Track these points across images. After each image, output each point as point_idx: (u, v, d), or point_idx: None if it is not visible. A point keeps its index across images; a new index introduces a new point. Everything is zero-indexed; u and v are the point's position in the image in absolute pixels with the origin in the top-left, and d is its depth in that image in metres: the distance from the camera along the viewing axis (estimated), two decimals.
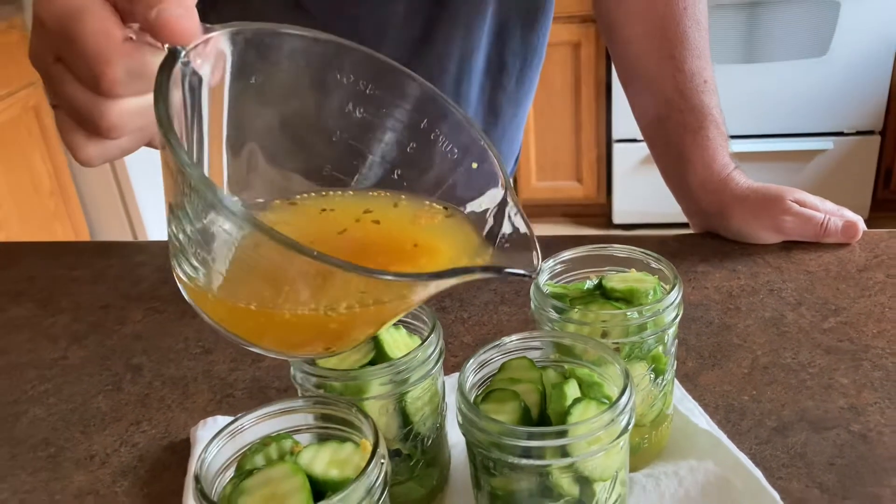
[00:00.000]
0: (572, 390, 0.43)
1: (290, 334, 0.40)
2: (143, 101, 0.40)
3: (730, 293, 0.72)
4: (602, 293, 0.52)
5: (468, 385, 0.43)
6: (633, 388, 0.41)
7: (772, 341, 0.65)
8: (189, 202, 0.33)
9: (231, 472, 0.41)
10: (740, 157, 0.84)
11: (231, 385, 0.66)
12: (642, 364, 0.50)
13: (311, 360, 0.46)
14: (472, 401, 0.42)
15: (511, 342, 0.46)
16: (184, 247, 0.37)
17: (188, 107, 0.38)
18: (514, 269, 0.39)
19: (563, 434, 0.39)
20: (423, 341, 0.47)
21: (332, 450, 0.40)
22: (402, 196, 0.47)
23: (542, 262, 0.53)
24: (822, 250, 0.77)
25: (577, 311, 0.49)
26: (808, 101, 2.62)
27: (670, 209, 0.88)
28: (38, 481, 0.58)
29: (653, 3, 0.84)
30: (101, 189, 2.67)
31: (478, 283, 0.77)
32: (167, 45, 0.36)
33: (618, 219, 2.89)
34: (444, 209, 0.46)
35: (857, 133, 2.63)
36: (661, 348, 0.50)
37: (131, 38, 0.39)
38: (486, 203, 0.45)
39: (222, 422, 0.60)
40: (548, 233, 0.77)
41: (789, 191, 0.79)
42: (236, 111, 0.42)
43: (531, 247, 0.41)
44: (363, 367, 0.46)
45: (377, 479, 0.38)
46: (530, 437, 0.39)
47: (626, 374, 0.42)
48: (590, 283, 0.54)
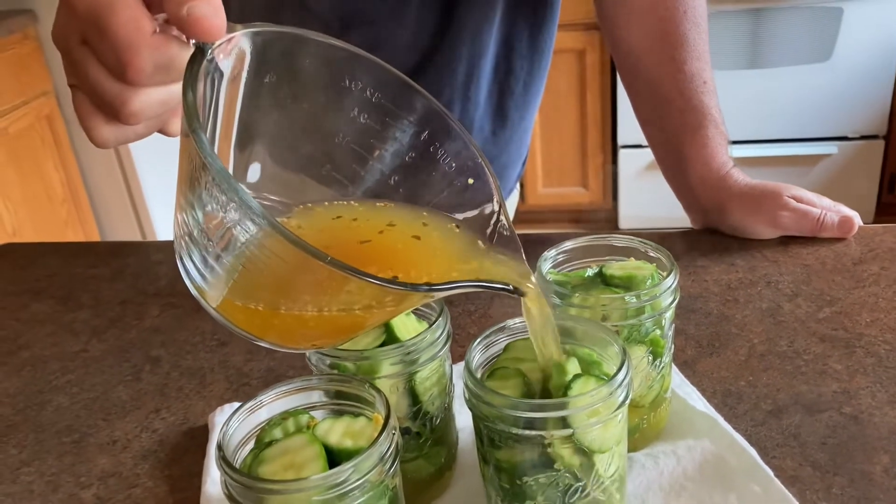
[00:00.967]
0: (573, 367, 0.45)
1: (294, 331, 0.42)
2: (164, 92, 0.42)
3: (728, 285, 0.74)
4: (602, 280, 0.54)
5: (474, 363, 0.46)
6: (630, 365, 0.43)
7: (768, 330, 0.67)
8: (208, 194, 0.35)
9: (251, 446, 0.43)
10: (745, 161, 0.86)
11: (246, 375, 0.68)
12: (641, 347, 0.52)
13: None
14: (478, 378, 0.44)
15: (515, 325, 0.48)
16: (195, 239, 0.39)
17: (207, 101, 0.40)
18: (505, 286, 0.41)
19: (563, 406, 0.41)
20: (432, 324, 0.49)
21: (347, 423, 0.43)
22: (424, 212, 0.49)
23: (546, 252, 0.56)
24: (818, 244, 0.80)
25: (578, 296, 0.51)
26: (812, 107, 2.64)
27: (676, 214, 0.90)
28: (64, 465, 0.60)
29: (654, 7, 0.86)
30: (112, 197, 2.71)
31: None
32: (194, 41, 0.38)
33: (624, 224, 2.91)
34: (445, 220, 0.48)
35: (862, 138, 2.65)
36: (658, 332, 0.53)
37: (156, 30, 0.40)
38: (479, 218, 0.47)
39: None
40: (545, 247, 0.79)
41: (786, 187, 0.81)
42: (248, 108, 0.44)
43: (519, 259, 0.44)
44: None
45: (389, 448, 0.40)
46: (532, 408, 0.41)
47: (624, 352, 0.44)
48: (590, 272, 0.56)
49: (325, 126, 0.46)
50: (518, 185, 1.16)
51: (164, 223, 2.77)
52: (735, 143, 0.85)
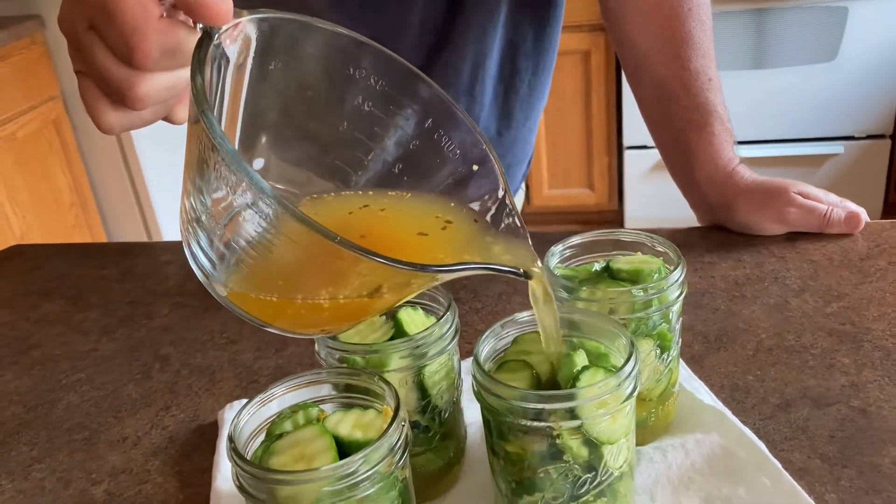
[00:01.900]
0: (581, 359, 0.45)
1: (303, 317, 0.42)
2: (170, 77, 0.42)
3: (735, 281, 0.74)
4: (609, 274, 0.55)
5: (483, 356, 0.46)
6: (637, 357, 0.44)
7: (776, 325, 0.67)
8: (217, 177, 0.36)
9: (261, 439, 0.44)
10: (751, 162, 0.86)
11: (256, 372, 0.69)
12: (648, 341, 0.52)
13: (331, 336, 0.48)
14: (486, 370, 0.45)
15: (523, 318, 0.49)
16: (202, 223, 0.39)
17: (214, 87, 0.40)
18: (516, 269, 0.41)
19: (572, 397, 0.41)
20: (440, 319, 0.50)
21: (356, 415, 0.43)
22: (408, 195, 0.49)
23: (553, 247, 0.56)
24: (825, 240, 0.80)
25: (585, 290, 0.51)
26: (817, 106, 2.63)
27: (682, 215, 0.90)
28: (75, 461, 0.61)
29: (658, 5, 0.86)
30: (119, 201, 2.72)
31: (490, 276, 0.80)
32: (201, 26, 0.39)
33: (629, 225, 2.91)
34: (453, 207, 0.48)
35: (868, 137, 2.65)
36: (665, 326, 0.53)
37: (163, 14, 0.41)
38: (484, 204, 0.48)
39: None
40: (551, 245, 0.79)
41: (793, 183, 0.81)
42: (253, 94, 0.44)
43: (527, 248, 0.44)
44: None
45: (399, 439, 0.40)
46: (541, 399, 0.41)
47: (632, 344, 0.44)
48: (597, 266, 0.56)
49: (330, 114, 0.47)
50: (524, 186, 1.16)
51: (172, 227, 2.78)
52: (741, 143, 0.85)
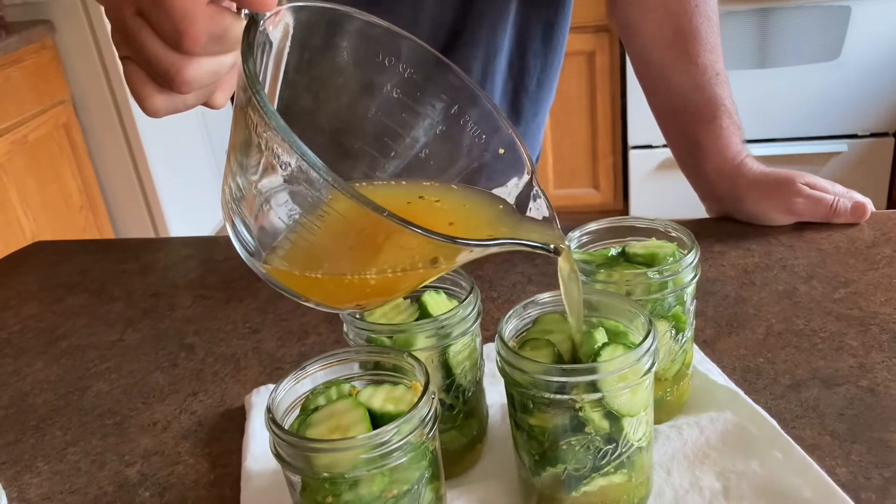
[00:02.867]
0: (601, 336, 0.47)
1: (340, 291, 0.44)
2: (215, 63, 0.43)
3: (745, 269, 0.76)
4: (625, 259, 0.57)
5: (506, 334, 0.48)
6: (656, 333, 0.46)
7: (785, 311, 0.69)
8: (269, 155, 0.37)
9: (296, 414, 0.46)
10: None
11: (279, 360, 0.71)
12: (663, 322, 0.54)
13: (357, 314, 0.51)
14: (510, 347, 0.46)
15: (544, 299, 0.51)
16: (248, 201, 0.41)
17: (259, 71, 0.42)
18: (546, 245, 0.43)
19: (593, 371, 0.43)
20: (463, 301, 0.52)
21: (387, 390, 0.45)
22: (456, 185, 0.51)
23: (570, 233, 0.58)
24: (832, 229, 0.81)
25: (602, 272, 0.53)
26: (821, 105, 2.65)
27: (688, 214, 0.92)
28: (108, 444, 0.63)
29: (665, 2, 0.88)
30: (129, 204, 2.75)
31: (506, 266, 0.82)
32: (245, 12, 0.41)
33: None
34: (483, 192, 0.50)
35: (872, 135, 2.66)
36: (680, 308, 0.55)
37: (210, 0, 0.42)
38: (511, 186, 0.50)
39: None
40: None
41: (800, 175, 0.83)
42: (287, 79, 0.45)
43: (554, 228, 0.46)
44: None
45: (429, 412, 0.42)
46: (564, 373, 0.43)
47: (650, 322, 0.46)
48: (613, 251, 0.58)
49: (360, 100, 0.48)
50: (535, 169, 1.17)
51: (180, 229, 2.80)
52: (745, 142, 0.87)
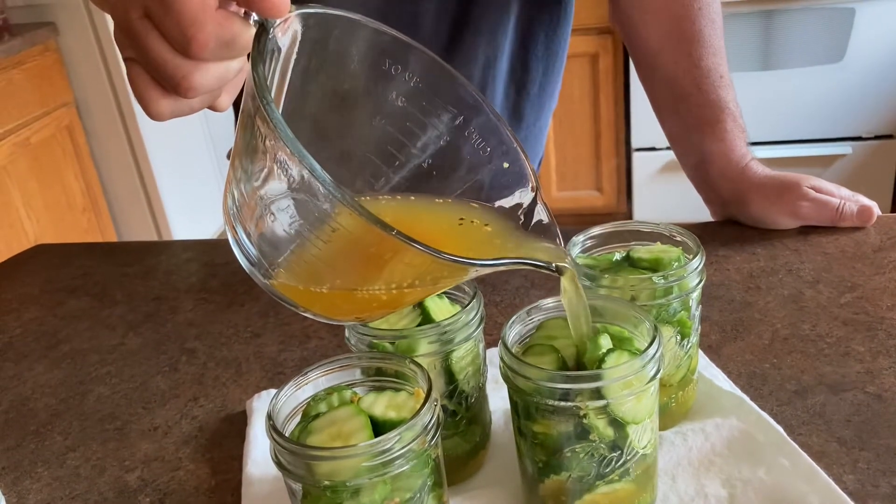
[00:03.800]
0: (605, 342, 0.47)
1: (341, 305, 0.44)
2: (222, 68, 0.43)
3: (750, 274, 0.76)
4: (629, 263, 0.56)
5: (510, 340, 0.47)
6: (661, 340, 0.45)
7: (791, 315, 0.69)
8: (273, 165, 0.37)
9: (297, 420, 0.45)
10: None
11: (281, 364, 0.70)
12: (668, 327, 0.54)
13: (359, 323, 0.50)
14: (514, 353, 0.46)
15: (548, 304, 0.50)
16: (251, 209, 0.40)
17: (272, 74, 0.41)
18: (546, 264, 0.43)
19: (598, 377, 0.43)
20: (465, 306, 0.51)
21: (389, 397, 0.45)
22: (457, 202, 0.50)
23: (574, 237, 0.57)
24: (838, 233, 0.81)
25: (607, 278, 0.53)
26: (825, 107, 2.64)
27: (691, 217, 0.91)
28: (108, 450, 0.62)
29: (668, 5, 0.88)
30: (131, 206, 2.75)
31: (510, 271, 0.81)
32: (255, 18, 0.40)
33: None
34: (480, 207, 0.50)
35: (876, 138, 2.65)
36: (685, 314, 0.54)
37: (219, 6, 0.42)
38: (515, 201, 0.49)
39: None
40: (566, 241, 0.81)
41: (806, 178, 0.82)
42: (294, 86, 0.45)
43: (557, 243, 0.46)
44: None
45: (431, 419, 0.42)
46: (569, 380, 0.43)
47: (655, 328, 0.46)
48: (618, 256, 0.58)
49: (366, 109, 0.48)
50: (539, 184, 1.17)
51: (183, 232, 2.80)
52: (749, 144, 0.86)
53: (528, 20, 0.92)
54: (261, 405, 0.63)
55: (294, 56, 0.43)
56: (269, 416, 0.42)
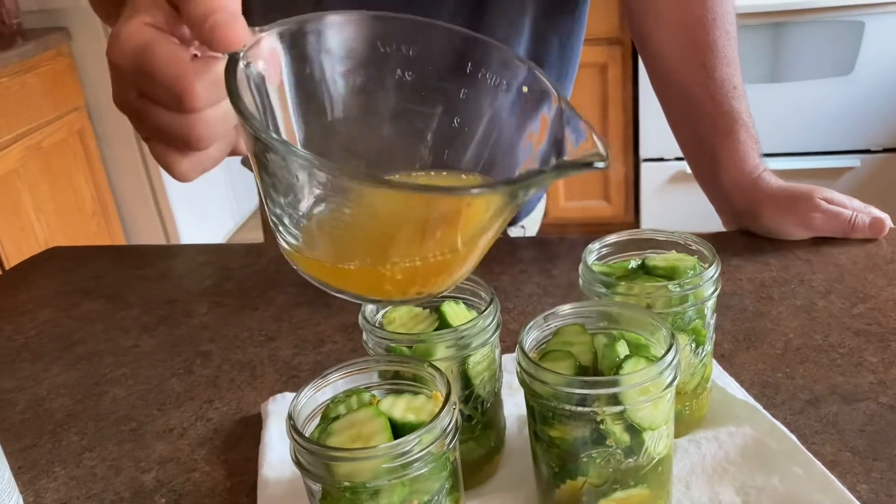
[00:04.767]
0: (623, 349, 0.47)
1: (375, 281, 0.44)
2: (221, 108, 0.44)
3: (762, 284, 0.76)
4: (645, 271, 0.57)
5: (527, 345, 0.48)
6: (678, 347, 0.45)
7: (803, 325, 0.69)
8: (284, 172, 0.38)
9: (316, 422, 0.45)
10: None
11: (295, 367, 0.71)
12: (683, 335, 0.54)
13: (377, 322, 0.51)
14: (531, 358, 0.46)
15: (565, 311, 0.50)
16: (280, 218, 0.41)
17: (259, 106, 0.42)
18: (587, 160, 0.42)
19: (615, 383, 0.43)
20: (482, 311, 0.52)
21: (408, 399, 0.45)
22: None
23: (590, 244, 0.58)
24: (850, 244, 0.81)
25: (623, 285, 0.53)
26: (834, 120, 2.64)
27: (699, 227, 0.91)
28: (124, 451, 0.63)
29: (683, 16, 0.88)
30: (140, 210, 2.76)
31: (522, 277, 0.82)
32: (226, 53, 0.41)
33: None
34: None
35: (885, 150, 2.65)
36: (700, 322, 0.55)
37: (197, 55, 0.43)
38: (542, 121, 0.48)
39: (290, 398, 0.64)
40: (576, 262, 0.81)
41: (818, 189, 0.83)
42: (299, 102, 0.45)
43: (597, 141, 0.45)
44: None
45: (450, 422, 0.42)
46: (586, 385, 0.43)
47: (672, 335, 0.46)
48: (633, 264, 0.58)
49: (378, 94, 0.48)
50: (544, 195, 1.18)
51: (192, 236, 2.81)
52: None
53: (542, 29, 0.93)
54: (276, 408, 0.64)
55: (285, 74, 0.44)
56: (290, 417, 0.42)
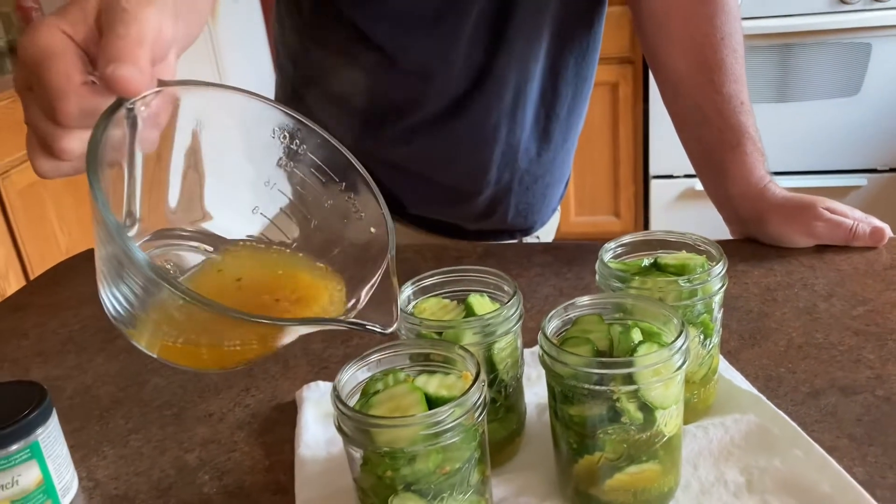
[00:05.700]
0: (637, 335, 0.51)
1: (188, 359, 0.48)
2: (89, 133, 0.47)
3: (767, 287, 0.80)
4: (657, 268, 0.61)
5: (549, 330, 0.52)
6: (687, 333, 0.50)
7: (805, 325, 0.73)
8: (110, 243, 0.41)
9: (356, 398, 0.50)
10: None
11: (326, 360, 0.75)
12: (692, 328, 0.58)
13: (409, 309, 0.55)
14: (554, 342, 0.51)
15: (584, 302, 0.55)
16: (109, 276, 0.45)
17: (128, 143, 0.46)
18: (373, 326, 0.45)
19: (630, 364, 0.48)
20: (506, 303, 0.56)
21: (441, 378, 0.50)
22: (300, 254, 0.53)
23: (606, 244, 0.62)
24: (851, 252, 0.85)
25: (637, 280, 0.58)
26: (841, 140, 2.69)
27: None
28: (168, 433, 0.67)
29: (692, 34, 0.93)
30: None
31: (539, 280, 0.86)
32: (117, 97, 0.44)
33: None
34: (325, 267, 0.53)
35: (891, 170, 2.69)
36: (708, 316, 0.59)
37: (93, 82, 0.46)
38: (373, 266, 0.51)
39: (324, 386, 0.69)
40: (589, 266, 0.85)
41: (821, 200, 0.87)
42: (184, 149, 0.49)
43: (392, 306, 0.48)
44: None
45: (480, 397, 0.47)
46: (603, 366, 0.48)
47: (682, 324, 0.50)
48: (646, 262, 0.62)
49: (253, 172, 0.51)
50: (558, 208, 1.22)
51: None
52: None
53: (560, 47, 0.97)
54: (310, 395, 0.68)
55: (176, 128, 0.47)
56: (335, 388, 0.47)
